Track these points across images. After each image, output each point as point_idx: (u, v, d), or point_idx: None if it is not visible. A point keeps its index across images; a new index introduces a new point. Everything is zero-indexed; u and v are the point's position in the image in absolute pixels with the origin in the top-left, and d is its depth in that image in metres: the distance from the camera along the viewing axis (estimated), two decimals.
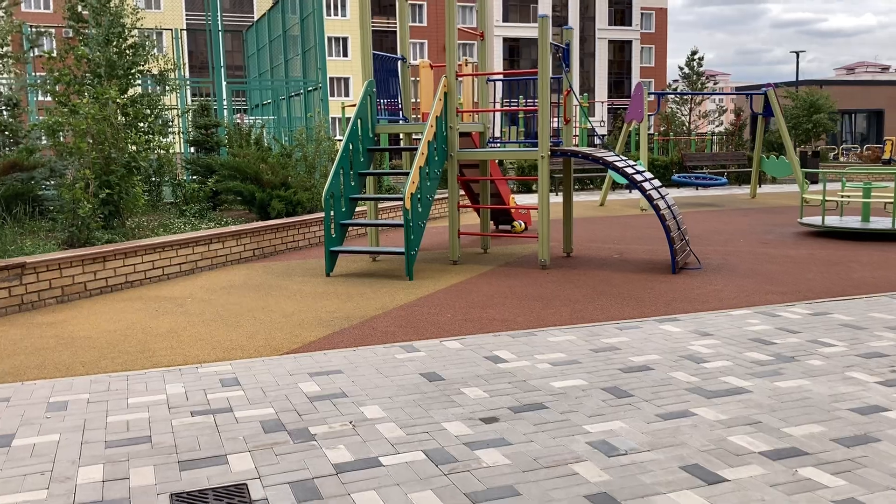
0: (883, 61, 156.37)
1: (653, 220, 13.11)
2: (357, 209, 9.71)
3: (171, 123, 11.44)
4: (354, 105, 27.35)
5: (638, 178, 8.22)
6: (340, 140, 17.60)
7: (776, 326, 5.78)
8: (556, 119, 9.42)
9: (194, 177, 12.03)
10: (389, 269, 8.58)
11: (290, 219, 10.27)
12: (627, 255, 9.52)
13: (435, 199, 12.66)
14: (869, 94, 33.15)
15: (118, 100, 8.85)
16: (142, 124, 9.71)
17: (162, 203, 12.11)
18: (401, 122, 9.66)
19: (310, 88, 17.05)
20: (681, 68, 33.21)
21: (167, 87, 11.29)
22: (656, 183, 8.56)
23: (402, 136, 9.57)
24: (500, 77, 9.95)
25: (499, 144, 10.68)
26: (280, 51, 20.34)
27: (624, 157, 8.82)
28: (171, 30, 19.65)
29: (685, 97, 28.63)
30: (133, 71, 9.96)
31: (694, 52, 32.23)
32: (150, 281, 8.01)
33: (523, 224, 11.55)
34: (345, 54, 61.80)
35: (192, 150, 13.53)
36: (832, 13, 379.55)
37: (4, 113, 12.28)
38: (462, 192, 10.58)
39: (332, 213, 8.21)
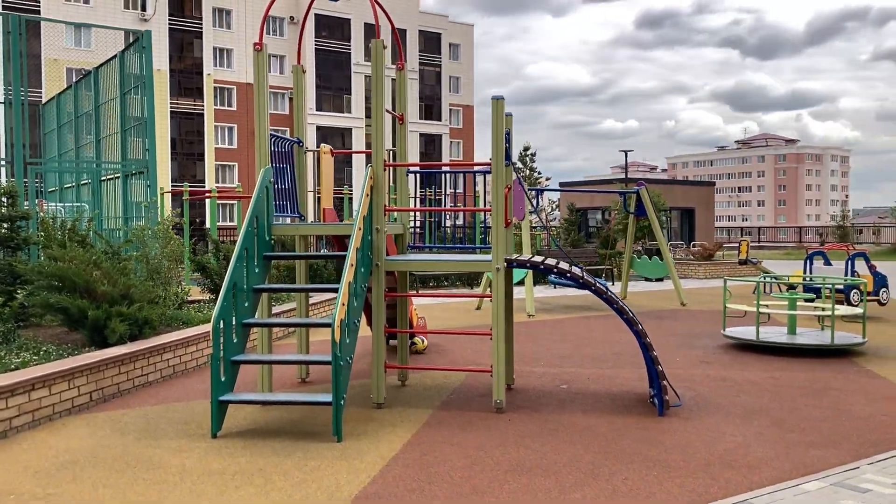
0: (649, 162, 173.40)
1: (553, 330, 11.69)
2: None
3: None
4: (178, 191, 24.27)
5: (615, 299, 6.68)
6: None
7: None
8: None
9: None
10: (297, 421, 6.34)
11: (136, 345, 7.72)
12: (572, 383, 7.91)
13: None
14: (683, 193, 34.87)
15: None
16: None
17: None
18: (296, 219, 7.58)
19: (132, 172, 14.41)
20: (513, 163, 33.19)
21: None
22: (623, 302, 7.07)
23: (298, 239, 7.48)
24: (442, 170, 8.18)
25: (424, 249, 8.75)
26: (89, 128, 17.39)
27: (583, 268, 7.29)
28: None
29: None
30: None
31: (526, 148, 32.49)
32: None
33: (424, 340, 9.66)
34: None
35: None
36: (603, 117, 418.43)
37: None
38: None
39: (221, 346, 5.93)
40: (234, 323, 6.13)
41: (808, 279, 13.11)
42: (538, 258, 7.19)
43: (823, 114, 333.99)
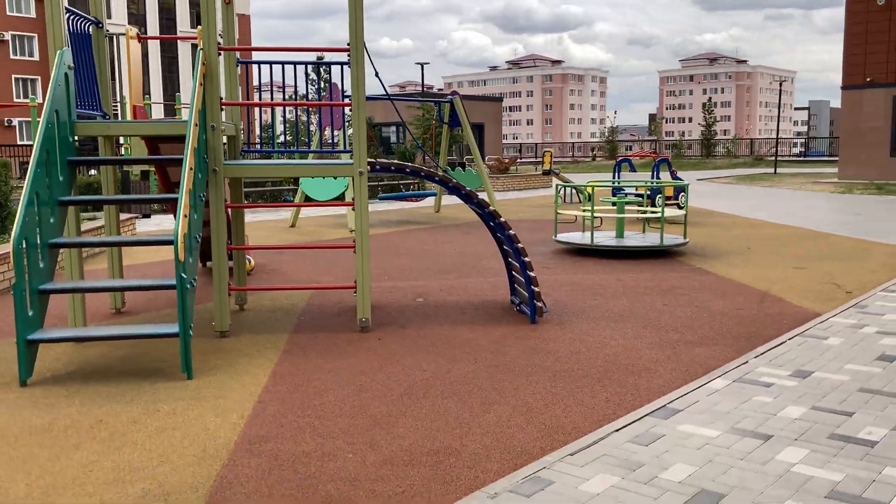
0: (428, 82, 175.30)
1: (383, 244, 11.09)
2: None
3: None
4: None
5: (486, 203, 6.15)
6: None
7: (810, 406, 4.22)
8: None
9: None
10: (125, 359, 5.27)
11: None
12: (427, 296, 7.40)
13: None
14: (472, 109, 35.13)
15: None
16: None
17: None
18: (99, 117, 6.24)
19: None
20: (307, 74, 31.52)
21: None
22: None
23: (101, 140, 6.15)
24: (278, 59, 7.02)
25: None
26: None
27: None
28: None
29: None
30: None
31: (320, 57, 30.83)
32: None
33: (251, 260, 8.67)
34: None
35: None
36: (379, 35, 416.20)
37: None
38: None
39: (26, 274, 4.69)
40: (38, 244, 4.88)
41: (616, 183, 13.46)
42: (398, 162, 6.47)
43: (581, 37, 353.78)
